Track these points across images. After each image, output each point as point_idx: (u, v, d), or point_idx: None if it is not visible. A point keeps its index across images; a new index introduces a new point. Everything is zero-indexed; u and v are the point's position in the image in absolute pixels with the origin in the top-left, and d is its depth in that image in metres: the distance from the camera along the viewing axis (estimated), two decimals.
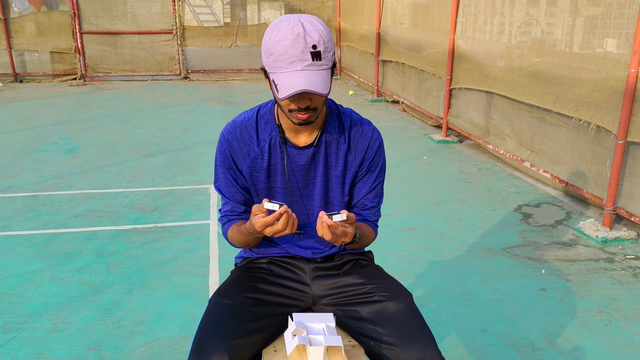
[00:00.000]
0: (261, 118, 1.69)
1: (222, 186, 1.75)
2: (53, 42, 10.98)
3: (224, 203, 1.78)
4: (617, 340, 2.68)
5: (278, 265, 1.80)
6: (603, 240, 3.75)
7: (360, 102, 9.35)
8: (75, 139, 6.61)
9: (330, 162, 1.71)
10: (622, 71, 3.73)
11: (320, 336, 1.48)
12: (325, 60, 1.45)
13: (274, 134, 1.67)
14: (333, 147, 1.70)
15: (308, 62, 1.43)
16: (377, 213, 1.82)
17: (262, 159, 1.69)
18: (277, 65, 1.44)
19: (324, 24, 1.49)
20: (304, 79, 1.42)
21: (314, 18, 1.48)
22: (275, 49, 1.43)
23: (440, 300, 3.04)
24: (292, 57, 1.42)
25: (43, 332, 2.69)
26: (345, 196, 1.75)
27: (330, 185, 1.73)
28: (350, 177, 1.73)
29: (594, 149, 4.15)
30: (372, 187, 1.77)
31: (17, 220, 4.10)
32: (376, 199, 1.80)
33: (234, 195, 1.75)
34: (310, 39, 1.42)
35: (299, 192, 1.72)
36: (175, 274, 3.29)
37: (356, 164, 1.72)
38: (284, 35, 1.42)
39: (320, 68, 1.45)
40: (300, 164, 1.69)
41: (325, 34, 1.45)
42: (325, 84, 1.44)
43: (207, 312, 1.59)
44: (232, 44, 11.91)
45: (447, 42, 6.38)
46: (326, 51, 1.45)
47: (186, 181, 5.04)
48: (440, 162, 5.73)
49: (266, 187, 1.72)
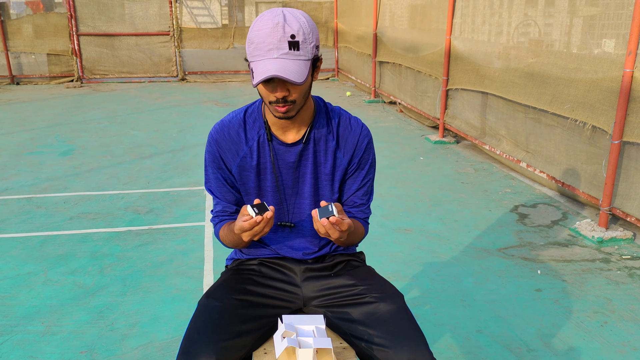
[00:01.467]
0: (249, 116, 1.69)
1: (213, 187, 1.75)
2: (50, 44, 10.97)
3: (215, 203, 1.77)
4: (613, 341, 2.67)
5: (268, 266, 1.78)
6: (599, 241, 3.74)
7: (357, 103, 9.34)
8: (71, 141, 6.59)
9: (319, 159, 1.69)
10: (617, 71, 3.72)
11: (310, 338, 1.47)
12: (303, 51, 1.44)
13: (262, 131, 1.66)
14: (322, 145, 1.68)
15: (285, 51, 1.42)
16: (367, 211, 1.81)
17: (251, 158, 1.68)
18: (256, 53, 1.44)
19: (309, 18, 1.48)
20: (277, 66, 1.41)
21: (299, 12, 1.47)
22: (255, 37, 1.43)
23: (435, 301, 3.03)
24: (270, 45, 1.41)
25: (35, 335, 2.68)
26: (335, 193, 1.74)
27: (320, 183, 1.72)
28: (339, 174, 1.72)
29: (588, 149, 4.14)
30: (361, 185, 1.76)
31: (11, 222, 4.08)
32: (365, 197, 1.78)
33: (225, 195, 1.74)
34: (289, 29, 1.41)
35: (289, 189, 1.71)
36: (170, 276, 3.28)
37: (345, 161, 1.71)
38: (264, 24, 1.42)
39: (297, 58, 1.44)
40: (289, 162, 1.68)
41: (306, 25, 1.44)
42: (299, 73, 1.43)
43: (195, 315, 1.57)
44: (230, 45, 11.90)
45: (443, 42, 6.37)
46: (305, 42, 1.44)
47: (182, 183, 5.02)
48: (436, 163, 5.72)
49: (256, 185, 1.71)
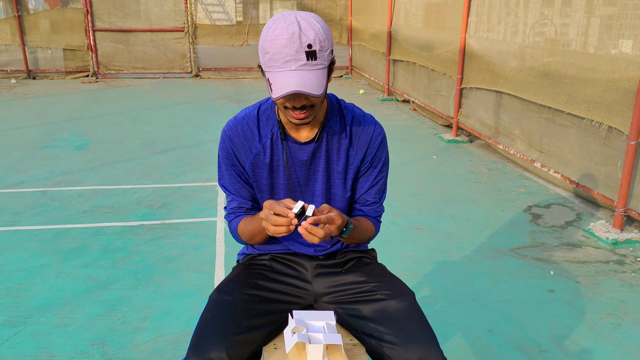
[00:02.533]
0: (262, 114, 1.68)
1: (227, 183, 1.74)
2: (66, 40, 11.07)
3: (230, 200, 1.77)
4: (626, 343, 2.64)
5: (279, 262, 1.78)
6: (613, 242, 3.70)
7: (370, 101, 9.32)
8: (86, 136, 6.64)
9: (332, 157, 1.69)
10: (635, 71, 3.67)
11: (320, 334, 1.46)
12: (320, 59, 1.43)
13: (275, 129, 1.66)
14: (335, 143, 1.68)
15: (302, 62, 1.41)
16: (379, 209, 1.80)
17: (264, 155, 1.67)
18: (272, 64, 1.42)
19: (322, 22, 1.46)
20: (297, 80, 1.40)
21: (311, 16, 1.45)
22: (270, 47, 1.41)
23: (446, 300, 3.02)
24: (287, 56, 1.40)
25: (48, 327, 2.70)
26: (347, 192, 1.74)
27: (332, 181, 1.71)
28: (352, 172, 1.71)
29: (603, 150, 4.09)
30: (374, 183, 1.75)
31: (26, 215, 4.12)
32: (378, 195, 1.77)
33: (240, 191, 1.73)
34: (306, 38, 1.40)
35: (301, 187, 1.71)
36: (181, 271, 3.29)
37: (358, 160, 1.70)
38: (279, 34, 1.40)
39: (315, 68, 1.43)
40: (301, 160, 1.67)
41: (321, 32, 1.43)
42: (319, 85, 1.43)
43: (206, 309, 1.57)
44: (244, 42, 11.92)
45: (458, 41, 6.33)
46: (322, 50, 1.43)
47: (195, 178, 5.04)
48: (449, 162, 5.69)
49: (269, 183, 1.71)
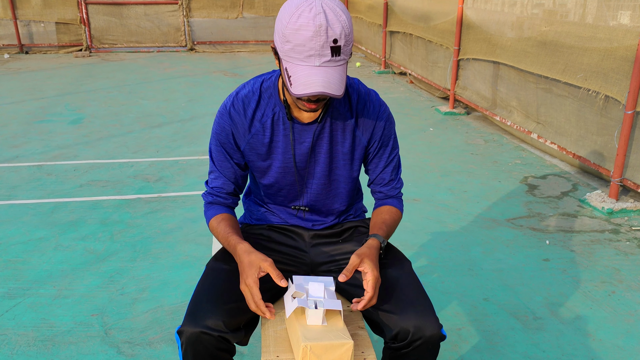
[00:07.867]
0: (265, 91, 1.62)
1: (215, 158, 1.69)
2: (58, 13, 10.90)
3: (213, 178, 1.71)
4: (620, 310, 2.67)
5: (277, 231, 1.79)
6: (609, 212, 3.72)
7: (367, 73, 9.25)
8: (81, 110, 6.59)
9: (336, 138, 1.65)
10: (633, 39, 3.65)
11: (320, 299, 1.47)
12: (344, 54, 1.37)
13: (277, 109, 1.61)
14: (339, 123, 1.63)
15: (327, 58, 1.34)
16: (398, 185, 1.77)
17: (263, 135, 1.63)
18: (294, 55, 1.35)
19: (346, 11, 1.38)
20: (322, 78, 1.34)
21: (336, 4, 1.36)
22: (293, 37, 1.33)
23: (443, 270, 3.04)
24: (311, 50, 1.33)
25: (47, 299, 2.72)
26: (355, 172, 1.71)
27: (337, 162, 1.68)
28: (359, 153, 1.68)
29: (600, 120, 4.08)
30: (389, 161, 1.73)
31: (22, 189, 4.11)
32: (394, 172, 1.75)
33: (225, 170, 1.68)
34: (332, 33, 1.32)
35: (302, 171, 1.67)
36: (179, 243, 3.30)
37: (365, 140, 1.67)
38: (304, 23, 1.31)
39: (338, 64, 1.37)
40: (304, 141, 1.63)
41: (347, 25, 1.35)
42: (341, 83, 1.38)
43: (203, 277, 1.58)
44: (239, 15, 11.77)
45: (455, 11, 6.26)
46: (346, 45, 1.36)
47: (191, 152, 5.03)
48: (446, 134, 5.68)
49: (265, 164, 1.67)
